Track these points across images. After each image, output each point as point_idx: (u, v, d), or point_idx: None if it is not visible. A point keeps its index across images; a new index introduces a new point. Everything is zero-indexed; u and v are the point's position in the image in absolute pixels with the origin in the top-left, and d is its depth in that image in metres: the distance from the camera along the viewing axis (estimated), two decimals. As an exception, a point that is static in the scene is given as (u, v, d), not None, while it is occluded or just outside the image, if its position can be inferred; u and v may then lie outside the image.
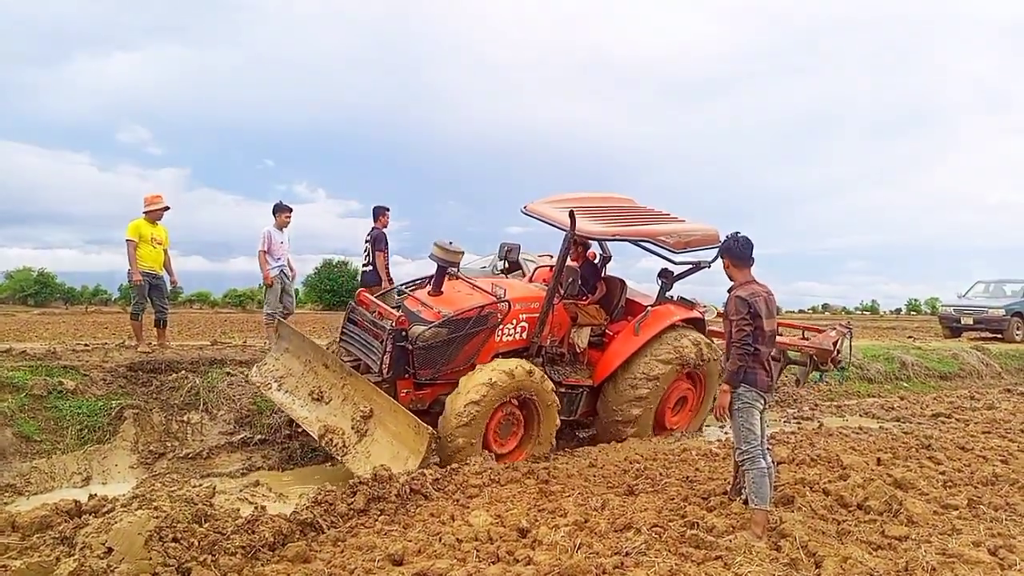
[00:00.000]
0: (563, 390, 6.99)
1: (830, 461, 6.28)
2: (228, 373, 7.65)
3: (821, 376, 9.17)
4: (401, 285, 8.03)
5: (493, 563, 3.87)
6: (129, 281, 8.08)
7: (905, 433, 7.80)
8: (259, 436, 6.95)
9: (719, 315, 5.81)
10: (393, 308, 6.72)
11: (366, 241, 9.61)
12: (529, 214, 7.27)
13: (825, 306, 48.11)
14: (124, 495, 4.65)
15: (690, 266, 7.82)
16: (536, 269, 8.75)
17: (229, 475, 6.29)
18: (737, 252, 4.63)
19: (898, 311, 48.46)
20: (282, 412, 7.17)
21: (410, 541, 4.23)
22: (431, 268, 7.00)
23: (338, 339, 7.10)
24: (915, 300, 47.86)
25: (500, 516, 4.74)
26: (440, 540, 4.24)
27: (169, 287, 8.58)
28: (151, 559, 3.69)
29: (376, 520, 4.66)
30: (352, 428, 5.93)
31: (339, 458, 5.88)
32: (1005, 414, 9.40)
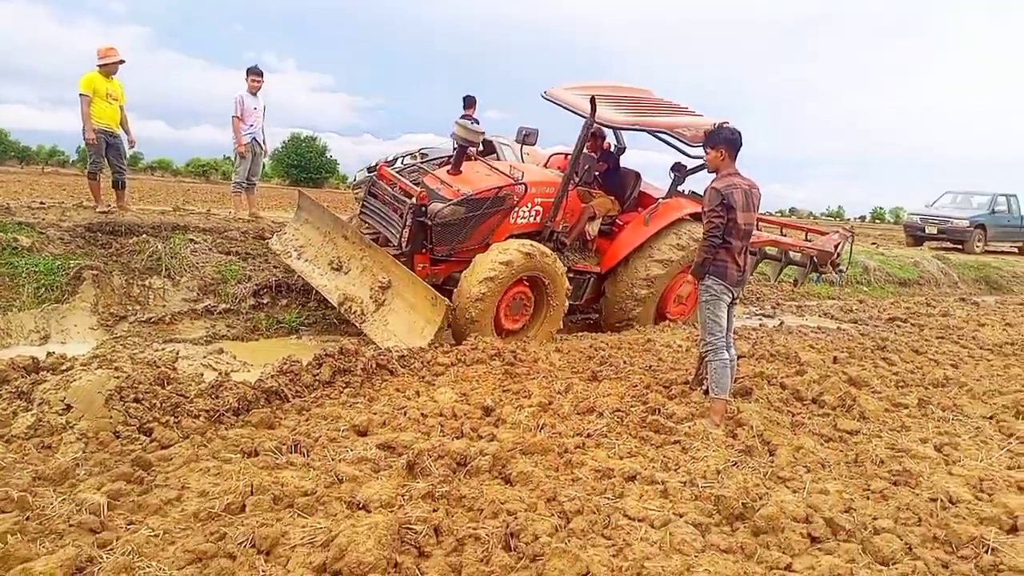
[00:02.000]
0: (571, 275, 7.08)
1: (788, 357, 6.42)
2: (191, 240, 7.46)
3: (819, 277, 9.35)
4: (422, 162, 8.12)
5: (457, 438, 3.92)
6: (83, 139, 7.69)
7: (862, 335, 7.99)
8: (223, 305, 6.85)
9: None
10: (414, 184, 6.76)
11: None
12: (549, 99, 7.27)
13: (792, 210, 48.57)
14: (84, 355, 4.59)
15: (704, 161, 7.73)
16: (551, 156, 8.72)
17: (192, 342, 6.22)
18: (736, 143, 4.51)
19: (863, 218, 49.17)
20: (250, 282, 7.13)
21: (375, 414, 4.25)
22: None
23: (358, 212, 7.22)
24: (880, 208, 48.58)
25: (465, 394, 4.79)
26: (405, 414, 4.27)
27: (127, 146, 8.20)
28: (111, 417, 3.66)
29: (341, 392, 4.67)
30: (371, 297, 6.15)
31: (357, 325, 6.11)
32: (959, 321, 9.67)
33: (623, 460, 3.79)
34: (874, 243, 18.84)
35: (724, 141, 4.50)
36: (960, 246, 18.12)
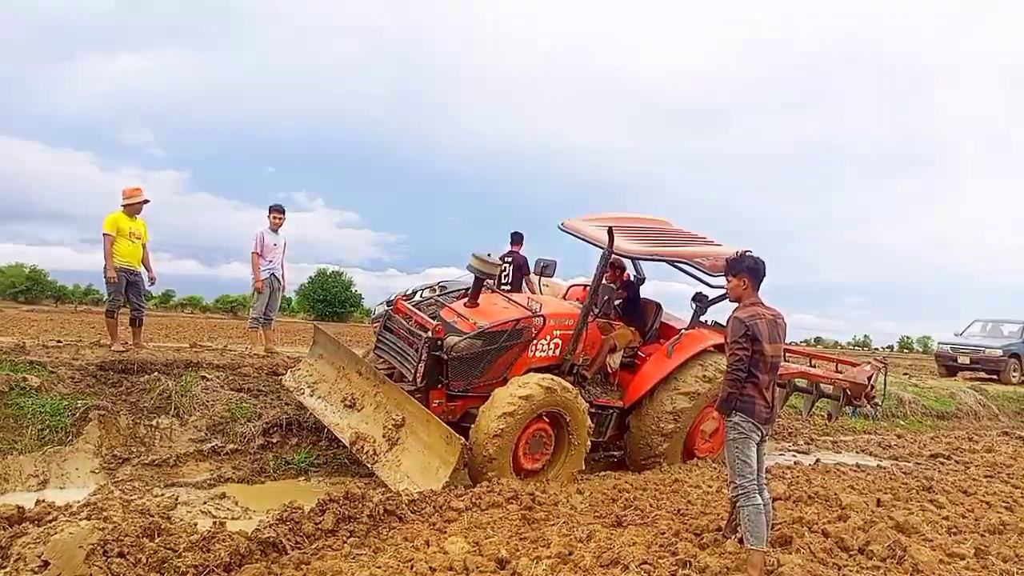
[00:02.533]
0: (593, 410, 6.83)
1: (828, 500, 5.99)
2: (203, 377, 7.33)
3: (854, 411, 8.96)
4: (439, 295, 8.10)
5: (467, 597, 3.55)
6: (104, 277, 7.75)
7: (905, 473, 7.50)
8: (231, 445, 6.61)
9: None
10: (430, 318, 6.64)
11: (507, 262, 9.94)
12: (566, 230, 7.30)
13: (818, 339, 48.02)
14: (75, 503, 4.33)
15: (725, 290, 7.63)
16: (570, 287, 8.72)
17: (195, 485, 5.93)
18: (759, 271, 4.35)
19: (890, 347, 48.39)
20: (260, 420, 6.93)
21: (379, 567, 3.90)
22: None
23: (373, 347, 7.11)
24: (907, 337, 47.95)
25: (478, 544, 4.42)
26: (412, 568, 3.92)
27: (147, 283, 8.26)
28: (91, 575, 3.37)
29: (345, 542, 4.32)
30: (383, 436, 5.94)
31: (369, 466, 5.86)
32: (1005, 457, 9.13)
33: (652, 624, 3.38)
34: (906, 374, 18.30)
35: (746, 270, 4.35)
36: (995, 376, 17.53)
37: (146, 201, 8.06)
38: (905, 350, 46.56)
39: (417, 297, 11.15)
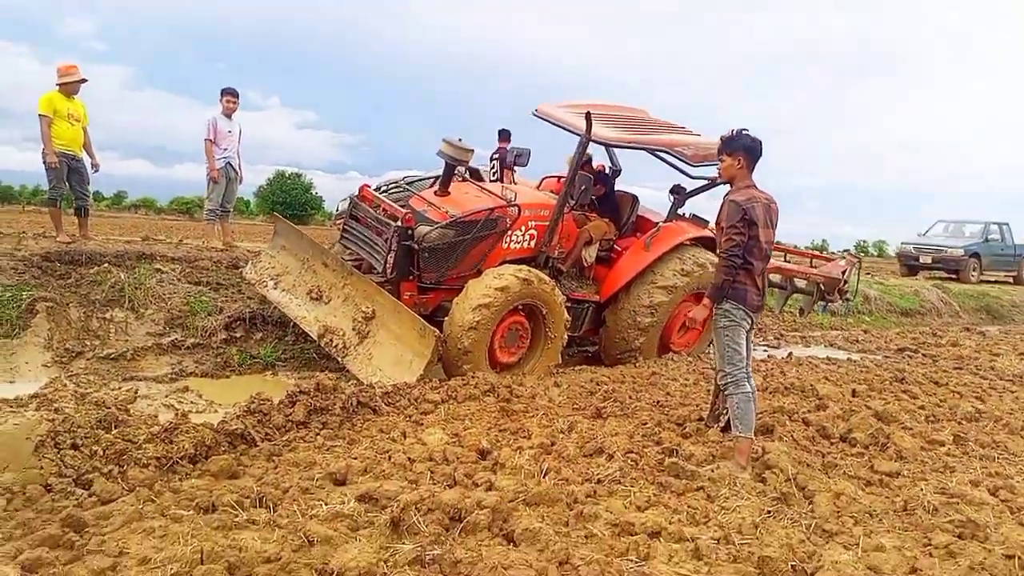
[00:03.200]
0: (568, 304, 6.61)
1: (804, 390, 5.97)
2: (158, 269, 6.92)
3: (825, 306, 8.93)
4: (404, 181, 7.64)
5: (450, 487, 3.38)
6: (44, 163, 7.17)
7: (877, 366, 7.52)
8: (192, 339, 6.29)
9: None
10: (399, 206, 6.29)
11: (493, 159, 9.89)
12: (541, 116, 6.89)
13: (777, 243, 48.57)
14: (23, 395, 4.02)
15: (705, 181, 7.40)
16: (544, 179, 8.27)
17: (155, 379, 5.64)
18: (756, 150, 4.06)
19: (846, 251, 49.18)
20: (221, 314, 6.61)
21: (355, 459, 3.71)
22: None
23: (339, 237, 6.77)
24: (863, 242, 48.72)
25: (457, 435, 4.26)
26: (389, 459, 3.73)
27: (90, 169, 7.68)
28: (43, 468, 3.11)
29: (317, 434, 4.11)
30: (353, 329, 5.73)
31: (339, 359, 5.67)
32: (970, 351, 9.26)
33: (643, 512, 3.26)
34: (868, 273, 18.50)
35: (743, 148, 4.05)
36: (955, 275, 17.81)
37: (83, 80, 7.38)
38: (861, 252, 47.40)
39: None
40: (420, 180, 7.74)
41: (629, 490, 3.54)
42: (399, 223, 5.90)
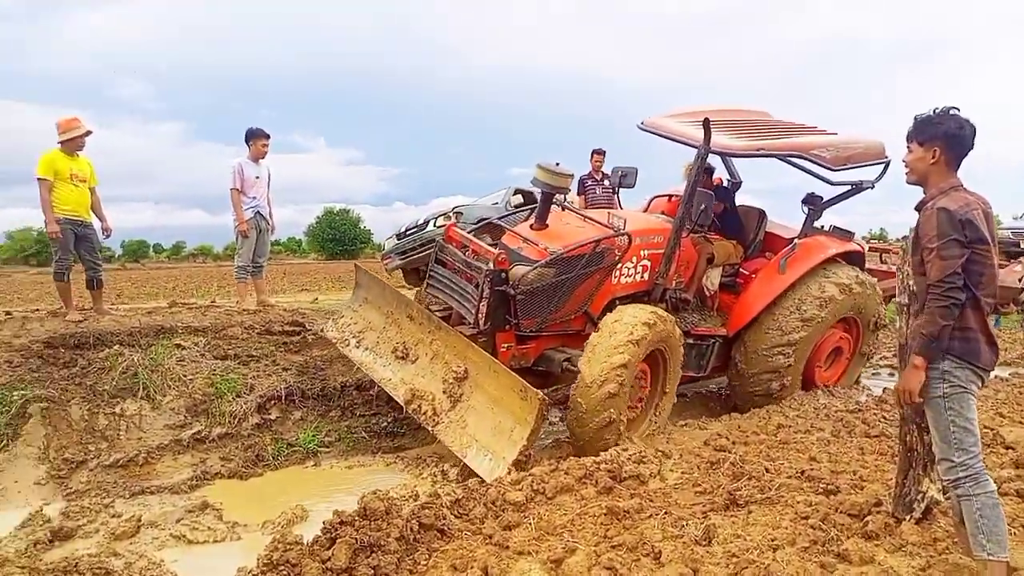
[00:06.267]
0: (691, 341, 5.91)
1: (994, 443, 4.63)
2: (178, 345, 5.94)
3: (998, 320, 7.58)
4: (497, 218, 6.86)
5: None
6: (46, 232, 6.29)
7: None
8: (218, 429, 5.26)
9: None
10: (490, 246, 5.61)
11: (586, 184, 9.43)
12: (649, 130, 6.09)
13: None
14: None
15: (847, 188, 6.46)
16: (652, 199, 7.39)
17: (171, 489, 4.58)
18: (965, 142, 2.83)
19: (906, 238, 46.94)
20: (252, 393, 5.61)
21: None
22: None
23: (425, 285, 6.14)
24: (882, 229, 46.77)
25: (558, 564, 3.07)
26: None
27: (102, 234, 6.79)
28: None
29: (367, 583, 2.98)
30: (444, 392, 5.05)
31: (429, 428, 4.98)
32: None
33: None
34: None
35: (942, 136, 2.82)
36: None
37: (88, 133, 6.49)
38: (879, 239, 45.19)
39: (430, 227, 9.74)
40: (510, 215, 7.09)
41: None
42: (491, 266, 5.13)
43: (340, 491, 4.70)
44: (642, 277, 5.77)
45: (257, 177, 7.48)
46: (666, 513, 3.64)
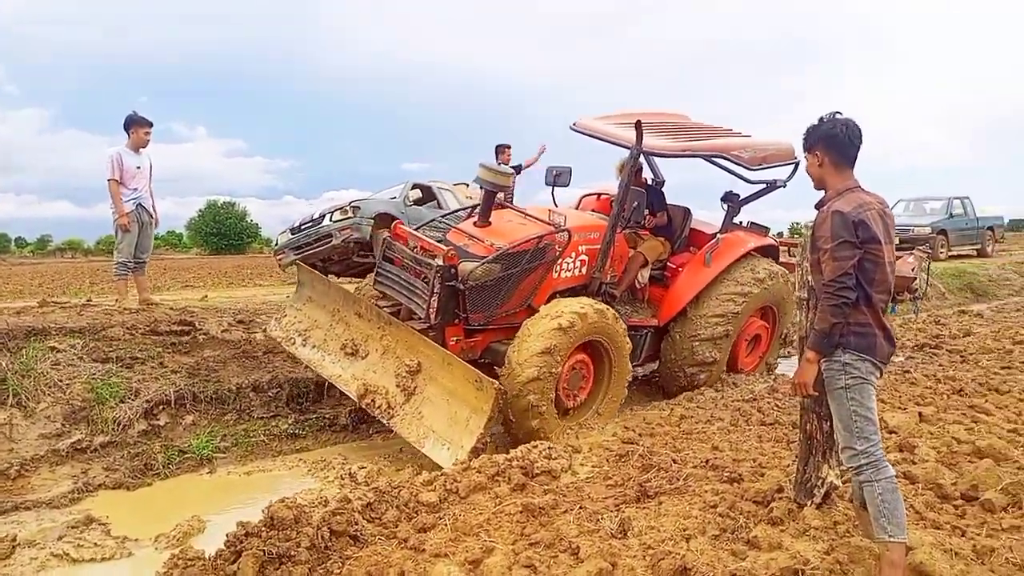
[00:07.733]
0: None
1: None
2: (52, 348, 5.47)
3: (894, 308, 8.02)
4: (440, 216, 7.26)
5: None
6: None
7: (926, 376, 6.50)
8: (100, 437, 4.89)
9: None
10: (437, 242, 5.73)
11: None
12: (581, 131, 6.43)
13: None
14: None
15: (762, 186, 6.97)
16: (583, 197, 7.68)
17: (49, 504, 4.21)
18: (843, 141, 2.94)
19: (780, 234, 49.58)
20: (138, 398, 5.25)
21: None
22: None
23: (372, 281, 6.18)
24: (797, 223, 49.59)
25: (476, 565, 3.02)
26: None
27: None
28: None
29: (277, 598, 2.82)
30: (397, 386, 5.11)
31: (385, 421, 5.06)
32: (992, 341, 8.41)
33: None
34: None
35: (821, 140, 2.95)
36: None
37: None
38: (796, 235, 47.72)
39: (326, 221, 9.43)
40: (453, 212, 7.31)
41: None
42: (440, 261, 5.23)
43: (239, 499, 4.48)
44: (580, 272, 5.99)
45: (138, 167, 7.00)
46: (580, 508, 3.65)
